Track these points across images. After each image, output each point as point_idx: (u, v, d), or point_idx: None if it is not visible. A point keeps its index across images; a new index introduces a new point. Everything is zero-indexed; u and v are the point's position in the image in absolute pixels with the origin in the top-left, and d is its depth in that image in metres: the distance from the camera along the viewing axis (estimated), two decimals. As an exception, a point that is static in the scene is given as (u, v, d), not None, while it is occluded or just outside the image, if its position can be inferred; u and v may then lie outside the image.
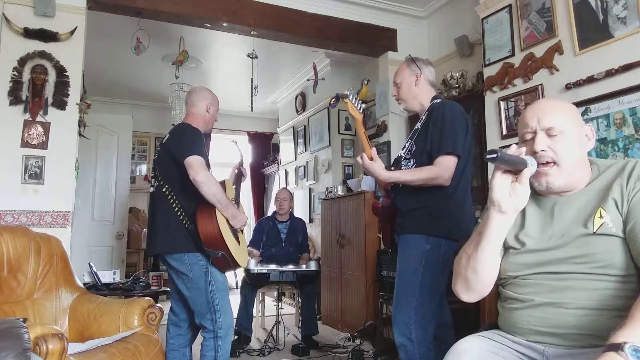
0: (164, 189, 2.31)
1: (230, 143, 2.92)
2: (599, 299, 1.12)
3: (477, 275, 1.23)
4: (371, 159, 2.03)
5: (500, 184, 1.15)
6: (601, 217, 1.15)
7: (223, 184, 2.44)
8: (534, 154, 1.19)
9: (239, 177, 2.69)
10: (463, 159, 2.04)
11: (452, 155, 2.00)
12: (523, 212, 1.27)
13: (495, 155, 1.05)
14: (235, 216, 2.32)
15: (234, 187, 2.63)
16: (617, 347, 0.89)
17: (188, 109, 2.51)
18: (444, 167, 1.99)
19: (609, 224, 1.14)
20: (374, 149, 2.07)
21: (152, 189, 2.44)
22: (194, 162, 2.17)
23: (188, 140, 2.28)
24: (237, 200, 2.57)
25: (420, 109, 2.23)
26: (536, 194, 1.28)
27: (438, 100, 2.19)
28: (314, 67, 5.30)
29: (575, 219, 1.19)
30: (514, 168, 1.14)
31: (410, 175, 2.03)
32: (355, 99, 2.09)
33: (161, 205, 2.33)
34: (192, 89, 2.63)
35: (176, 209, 2.27)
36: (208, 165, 2.29)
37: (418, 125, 2.17)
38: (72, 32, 3.20)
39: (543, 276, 1.20)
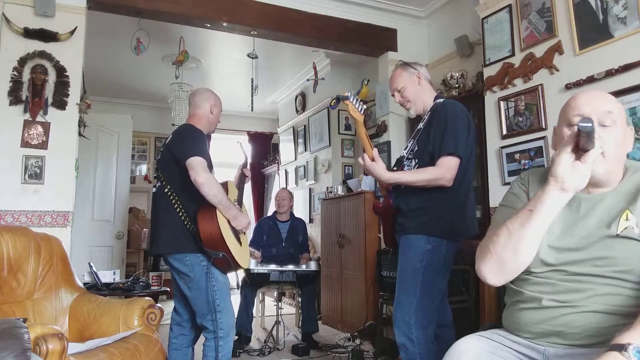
0: (165, 190, 2.31)
1: (235, 144, 2.92)
2: (612, 303, 1.11)
3: (517, 255, 1.15)
4: (372, 159, 2.03)
5: (567, 160, 1.08)
6: (627, 219, 1.13)
7: (225, 185, 2.43)
8: None
9: (242, 178, 2.69)
10: (465, 159, 2.04)
11: (453, 156, 1.99)
12: None
13: (591, 125, 0.99)
14: (237, 217, 2.32)
15: (237, 187, 2.63)
16: (621, 348, 0.89)
17: (192, 111, 2.51)
18: (446, 168, 1.98)
19: (634, 228, 1.11)
20: (375, 149, 2.06)
21: (154, 190, 2.44)
22: (195, 163, 2.17)
23: (190, 141, 2.28)
24: (240, 202, 2.56)
25: (423, 108, 2.23)
26: None
27: (441, 100, 2.18)
28: (314, 67, 5.30)
29: (600, 220, 1.16)
30: (584, 146, 1.06)
31: (411, 176, 2.03)
32: (356, 100, 2.09)
33: (163, 206, 2.33)
34: (195, 90, 2.63)
35: (178, 209, 2.27)
36: (211, 167, 2.29)
37: (420, 125, 2.17)
38: (72, 32, 3.19)
39: (559, 276, 1.18)
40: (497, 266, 1.18)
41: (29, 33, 3.08)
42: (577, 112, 1.19)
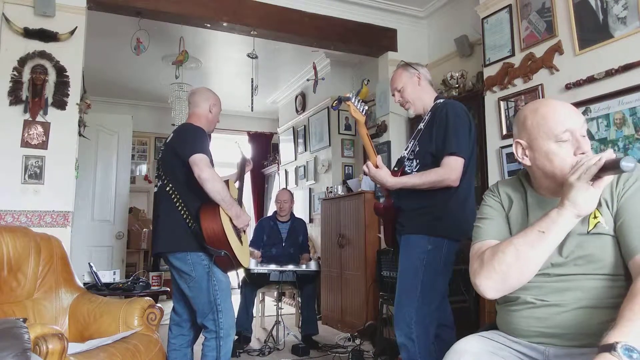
0: (167, 188, 2.31)
1: (234, 144, 2.91)
2: (597, 298, 1.14)
3: (523, 274, 1.16)
4: (376, 166, 2.03)
5: (587, 187, 1.09)
6: (595, 217, 1.17)
7: (226, 183, 2.44)
8: (580, 155, 1.17)
9: (241, 179, 2.68)
10: (466, 159, 2.03)
11: (457, 156, 1.99)
12: (526, 215, 1.27)
13: (633, 165, 0.99)
14: (239, 215, 2.32)
15: (236, 186, 2.63)
16: (610, 348, 0.90)
17: (191, 110, 2.51)
18: (451, 168, 1.98)
19: (603, 224, 1.16)
20: (379, 156, 2.06)
21: (155, 189, 2.44)
22: (198, 159, 2.18)
23: (192, 138, 2.28)
24: (239, 200, 2.56)
25: (423, 109, 2.23)
26: (540, 196, 1.27)
27: (441, 100, 2.18)
28: (314, 67, 5.30)
29: None
30: (603, 174, 1.08)
31: (416, 179, 2.02)
32: (358, 101, 2.09)
33: (164, 205, 2.33)
34: (194, 90, 2.63)
35: (179, 207, 2.27)
36: (212, 165, 2.29)
37: (421, 125, 2.17)
38: (72, 32, 3.19)
39: (545, 278, 1.20)
40: (500, 282, 1.18)
41: (29, 33, 3.08)
42: (563, 127, 1.19)
